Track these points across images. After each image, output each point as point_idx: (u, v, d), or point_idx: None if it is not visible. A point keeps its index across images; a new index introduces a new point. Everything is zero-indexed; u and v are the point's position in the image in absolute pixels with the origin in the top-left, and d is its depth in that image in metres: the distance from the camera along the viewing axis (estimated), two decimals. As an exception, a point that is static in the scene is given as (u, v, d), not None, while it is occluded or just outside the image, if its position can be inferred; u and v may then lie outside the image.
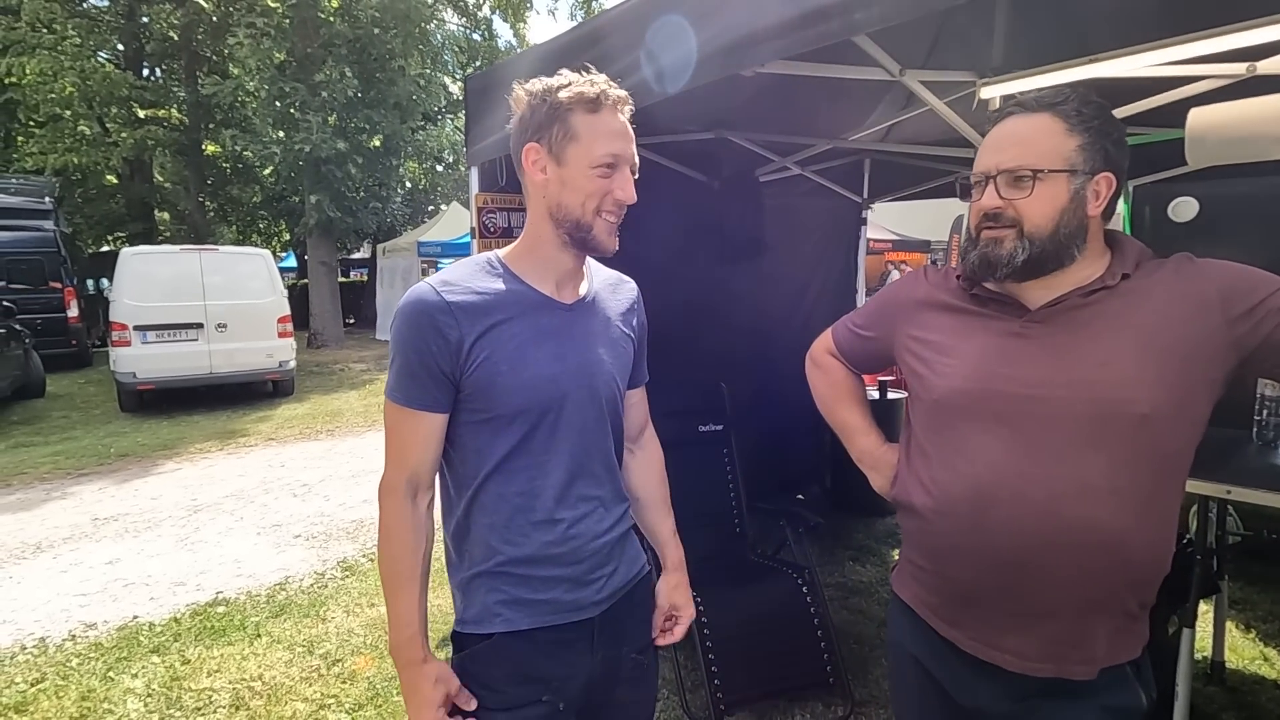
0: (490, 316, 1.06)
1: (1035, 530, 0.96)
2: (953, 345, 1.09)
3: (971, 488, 1.02)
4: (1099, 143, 0.97)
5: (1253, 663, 2.68)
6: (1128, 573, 0.97)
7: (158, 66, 15.48)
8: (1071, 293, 1.00)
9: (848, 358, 1.36)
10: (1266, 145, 1.66)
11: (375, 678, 2.72)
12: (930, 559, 1.12)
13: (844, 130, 3.16)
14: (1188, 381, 0.94)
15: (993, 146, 1.03)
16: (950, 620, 1.09)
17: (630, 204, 1.09)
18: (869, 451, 1.32)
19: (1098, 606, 0.98)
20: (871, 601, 3.21)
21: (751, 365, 3.65)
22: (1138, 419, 0.93)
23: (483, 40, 16.93)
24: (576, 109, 1.05)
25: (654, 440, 1.40)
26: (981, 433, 1.02)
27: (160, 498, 5.06)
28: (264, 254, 8.69)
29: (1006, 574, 1.00)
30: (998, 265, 1.01)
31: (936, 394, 1.09)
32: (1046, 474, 0.96)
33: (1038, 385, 0.98)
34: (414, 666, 1.08)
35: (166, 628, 3.17)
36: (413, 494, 1.10)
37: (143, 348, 7.47)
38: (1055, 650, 1.00)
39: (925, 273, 1.22)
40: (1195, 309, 0.95)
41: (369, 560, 3.92)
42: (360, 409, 8.28)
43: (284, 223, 17.94)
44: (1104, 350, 0.96)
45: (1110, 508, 0.94)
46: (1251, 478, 1.85)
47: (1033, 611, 1.00)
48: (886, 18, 1.24)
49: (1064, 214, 0.97)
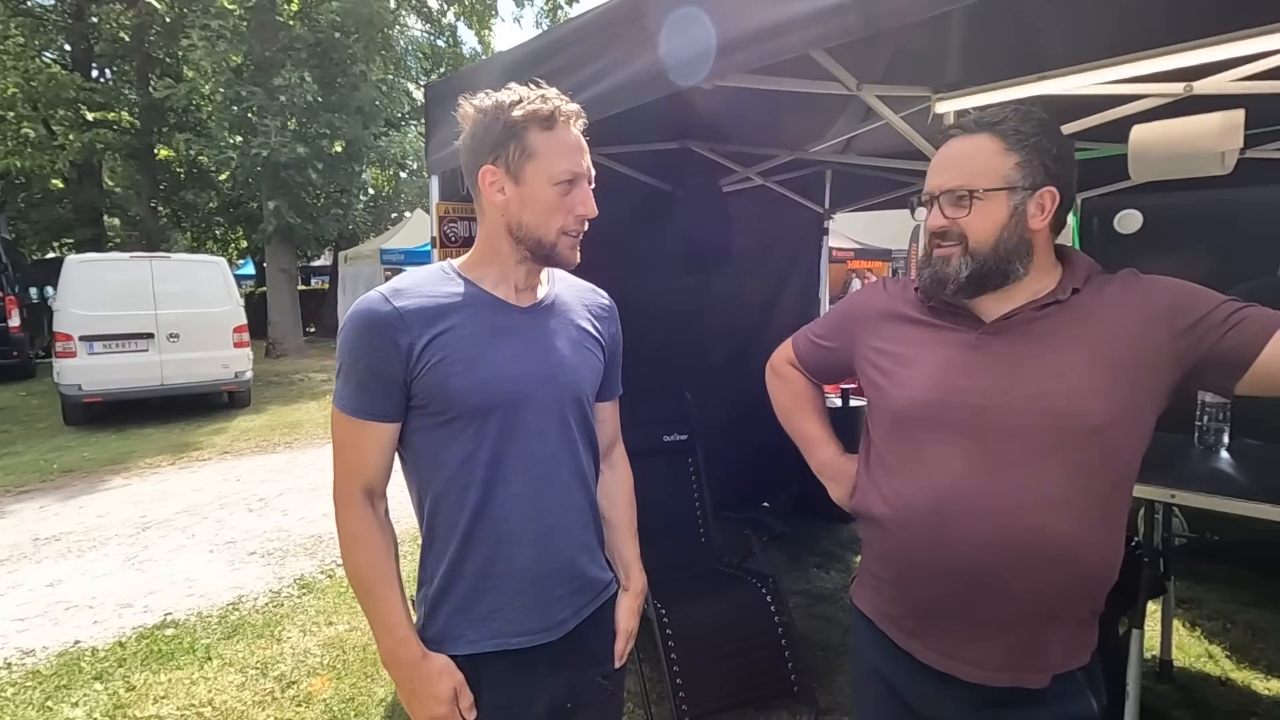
0: (443, 319, 1.04)
1: (993, 541, 0.98)
2: (912, 356, 1.10)
3: (931, 499, 1.03)
4: (1037, 159, 1.00)
5: (1199, 660, 2.77)
6: (1080, 581, 0.99)
7: (108, 68, 15.00)
8: (1025, 306, 1.03)
9: (808, 368, 1.37)
10: (1202, 161, 1.73)
11: (332, 699, 2.64)
12: (890, 570, 1.13)
13: (805, 142, 3.21)
14: (1136, 393, 0.97)
15: (937, 168, 1.06)
16: (909, 631, 1.10)
17: (591, 217, 1.08)
18: (828, 463, 1.33)
19: (1053, 616, 1.00)
20: (836, 608, 3.24)
21: (716, 374, 3.66)
22: (1090, 430, 0.95)
23: (447, 47, 16.80)
24: (531, 127, 1.03)
25: (624, 460, 1.38)
26: (940, 444, 1.04)
27: (107, 515, 4.86)
28: (219, 261, 8.44)
29: (965, 584, 1.01)
30: (946, 282, 1.04)
31: (896, 405, 1.10)
32: (1004, 485, 0.98)
33: (994, 396, 1.00)
34: (414, 665, 1.05)
35: (110, 652, 3.04)
36: (370, 500, 1.08)
37: (89, 359, 7.18)
38: (1012, 660, 1.01)
39: (885, 284, 1.24)
40: (1143, 323, 0.97)
41: (327, 577, 3.81)
42: (321, 420, 8.08)
43: (241, 229, 17.48)
44: (1057, 362, 0.98)
45: (1065, 518, 0.96)
46: (1194, 481, 1.92)
47: (991, 622, 1.01)
48: (842, 34, 1.26)
49: (1004, 230, 1.00)
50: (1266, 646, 2.84)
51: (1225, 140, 1.73)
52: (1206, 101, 1.83)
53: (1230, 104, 1.78)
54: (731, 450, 3.75)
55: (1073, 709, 1.03)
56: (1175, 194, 3.10)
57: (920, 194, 1.09)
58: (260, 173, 11.51)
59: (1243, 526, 3.47)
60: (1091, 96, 1.87)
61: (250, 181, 12.22)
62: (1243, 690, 2.57)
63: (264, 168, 11.27)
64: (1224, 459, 2.13)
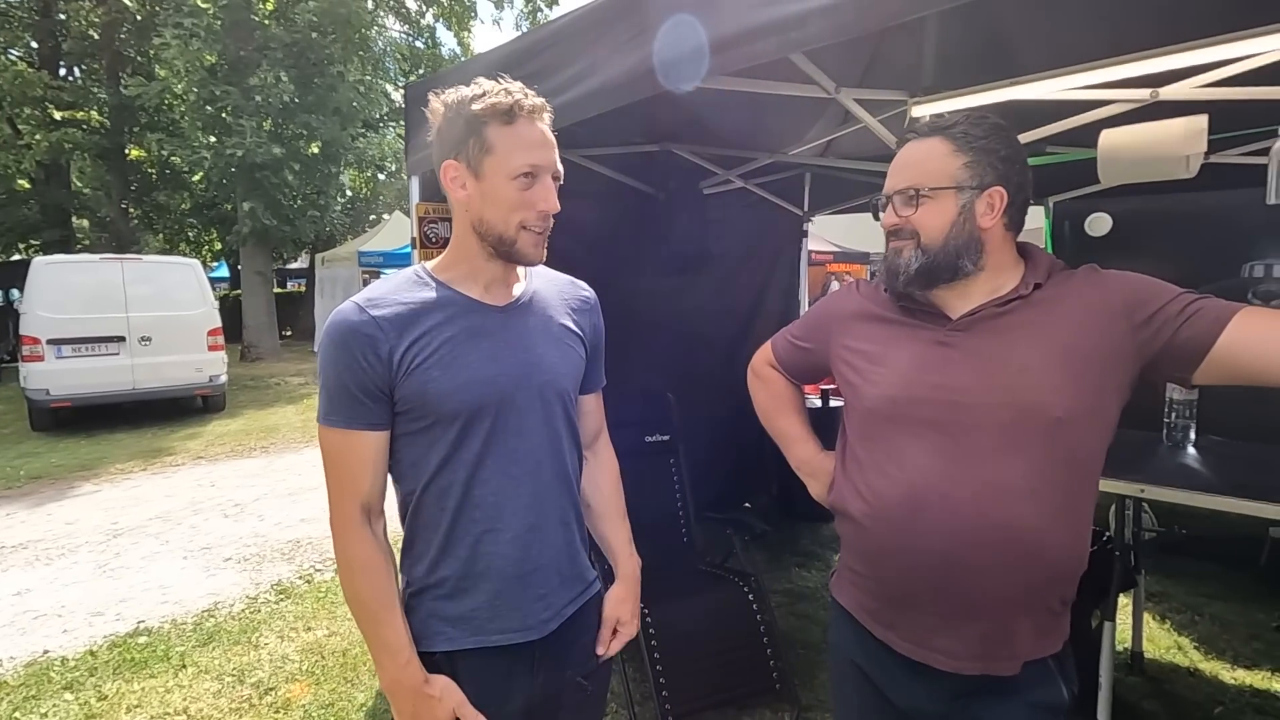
0: (419, 324, 1.04)
1: (962, 532, 1.01)
2: (883, 354, 1.14)
3: (904, 493, 1.06)
4: (984, 160, 1.04)
5: (1168, 652, 2.84)
6: (1047, 570, 1.02)
7: (76, 66, 14.67)
8: (988, 302, 1.06)
9: (787, 368, 1.40)
10: (1168, 165, 1.78)
11: (311, 705, 2.60)
12: (866, 563, 1.16)
13: (785, 145, 3.24)
14: (1099, 386, 1.00)
15: (892, 171, 1.11)
16: (886, 623, 1.13)
17: (554, 213, 1.07)
18: (807, 460, 1.36)
19: (1021, 604, 1.03)
20: (817, 607, 3.26)
21: (698, 375, 3.68)
22: (1053, 422, 0.98)
23: (426, 48, 16.69)
24: (491, 121, 1.03)
25: (608, 447, 1.38)
26: (912, 439, 1.07)
27: (77, 522, 4.75)
28: (193, 263, 8.31)
29: (937, 575, 1.04)
30: (897, 272, 1.09)
31: (869, 402, 1.13)
32: (971, 477, 1.01)
33: (962, 392, 1.03)
34: (417, 689, 1.05)
35: (81, 661, 2.97)
36: (368, 520, 1.06)
37: (57, 362, 7.02)
38: (983, 649, 1.04)
39: (858, 286, 1.28)
40: (1104, 317, 1.00)
41: (305, 582, 3.76)
42: (298, 424, 7.98)
43: (215, 231, 17.18)
44: (1021, 357, 1.01)
45: (1030, 508, 0.99)
46: (1163, 476, 1.97)
47: (962, 611, 1.04)
48: (819, 38, 1.28)
49: (953, 226, 1.05)
50: (1232, 638, 2.92)
51: (1189, 145, 1.78)
52: (1172, 107, 1.89)
53: (1194, 110, 1.84)
54: (713, 451, 3.77)
55: (1044, 696, 1.06)
56: (1143, 198, 3.19)
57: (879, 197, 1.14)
58: (235, 174, 11.33)
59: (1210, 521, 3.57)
60: (1062, 101, 1.91)
61: (225, 182, 12.02)
62: (1210, 680, 2.64)
63: (239, 168, 11.09)
64: (1191, 455, 2.19)
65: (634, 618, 1.30)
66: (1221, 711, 2.45)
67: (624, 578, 1.31)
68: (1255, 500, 1.70)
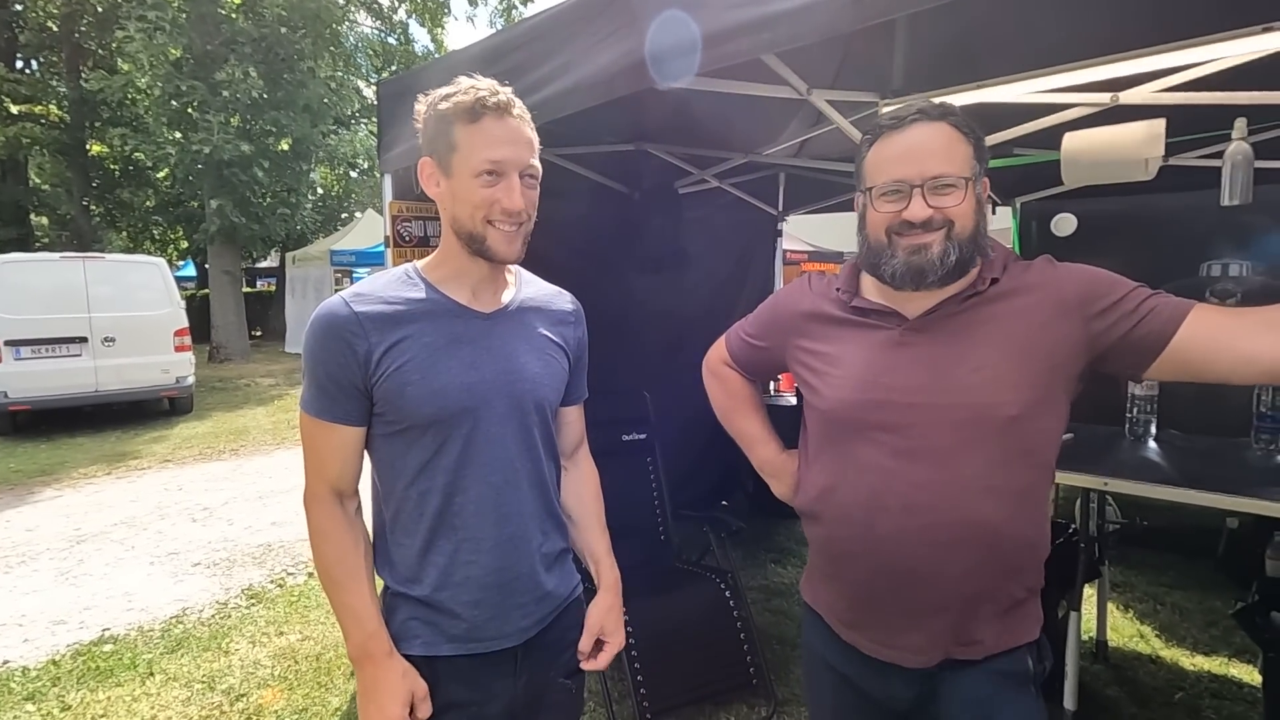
0: (401, 326, 1.04)
1: (920, 531, 1.01)
2: (838, 356, 1.12)
3: (862, 496, 1.06)
4: (979, 150, 1.04)
5: (1131, 640, 2.92)
6: (1005, 563, 1.03)
7: (34, 59, 14.24)
8: (949, 299, 1.04)
9: (742, 366, 1.38)
10: (1128, 168, 1.83)
11: (284, 711, 2.56)
12: (830, 565, 1.17)
13: (759, 145, 3.27)
14: (1052, 381, 1.01)
15: (910, 156, 1.01)
16: (849, 624, 1.14)
17: (512, 210, 1.04)
18: (769, 460, 1.35)
19: (981, 598, 1.04)
20: (793, 603, 3.30)
21: (674, 373, 3.67)
22: (1008, 420, 0.99)
23: (399, 45, 16.51)
24: (456, 120, 1.03)
25: (589, 458, 1.37)
26: (868, 443, 1.06)
27: (37, 529, 4.61)
28: (158, 262, 8.10)
29: (897, 577, 1.04)
30: (928, 271, 1.01)
31: (825, 405, 1.12)
32: (929, 479, 1.01)
33: (918, 393, 1.03)
34: (380, 661, 1.04)
35: (43, 671, 2.89)
36: (339, 500, 1.08)
37: (15, 364, 6.80)
38: (944, 642, 1.05)
39: (810, 282, 1.24)
40: (1057, 311, 1.01)
41: (277, 586, 3.70)
42: (268, 426, 7.84)
43: (182, 229, 16.76)
44: (976, 356, 1.01)
45: (988, 505, 0.99)
46: (1126, 470, 2.03)
47: (922, 609, 1.05)
48: (790, 39, 1.30)
49: (978, 216, 1.03)
50: (1192, 626, 3.02)
51: (1148, 148, 1.84)
52: (1132, 111, 1.94)
53: (1153, 114, 1.90)
54: (689, 449, 3.79)
55: (1008, 665, 1.07)
56: (1106, 199, 3.28)
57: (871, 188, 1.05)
58: (202, 170, 11.08)
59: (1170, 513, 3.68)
60: (1028, 104, 1.96)
61: (191, 179, 11.75)
62: (1171, 667, 2.73)
63: (206, 165, 10.85)
64: (1152, 449, 2.26)
65: (618, 628, 1.28)
66: (1182, 696, 2.53)
67: (606, 588, 1.29)
68: (1212, 492, 1.76)
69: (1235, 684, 2.60)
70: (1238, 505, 1.73)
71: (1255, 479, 1.95)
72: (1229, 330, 0.94)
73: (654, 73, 1.53)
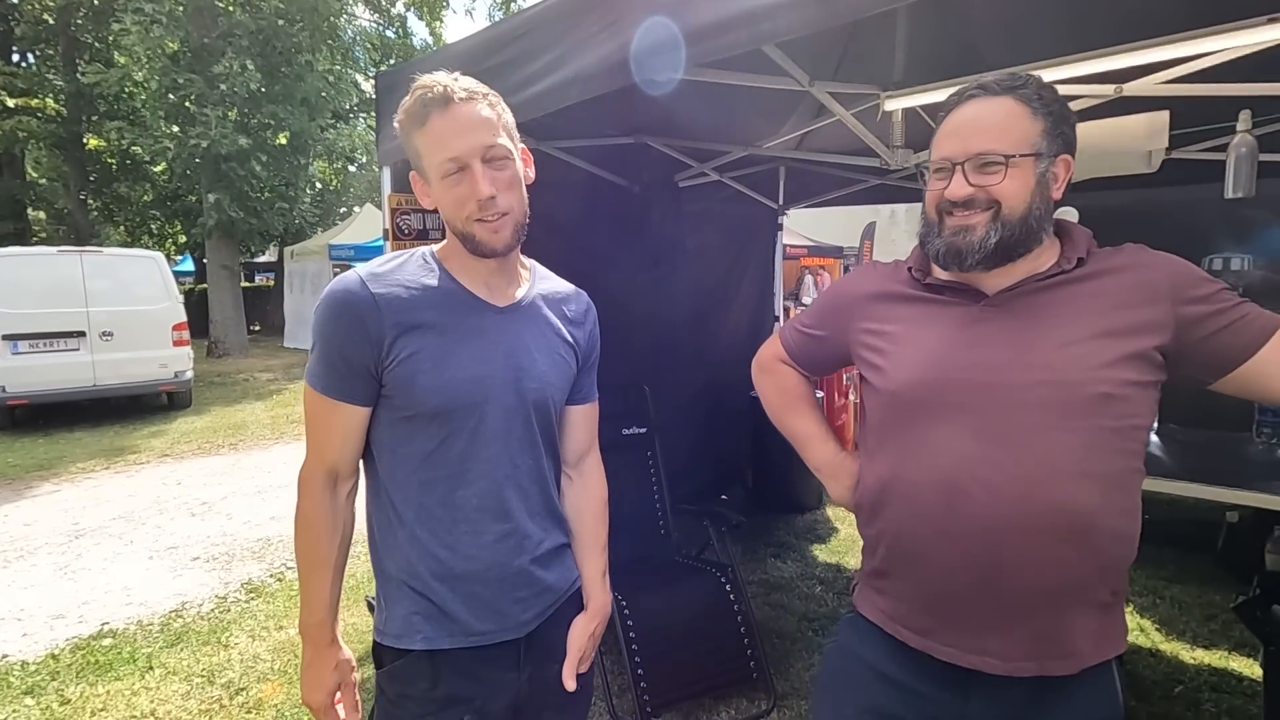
0: (416, 313, 1.03)
1: (1007, 518, 0.93)
2: (909, 335, 1.05)
3: (936, 481, 0.98)
4: (1059, 126, 0.97)
5: (1131, 635, 2.92)
6: (1100, 556, 0.94)
7: (30, 52, 14.15)
8: (1029, 278, 0.99)
9: (798, 361, 1.30)
10: (1131, 160, 1.82)
11: (284, 704, 2.56)
12: (898, 563, 1.06)
13: (759, 138, 3.25)
14: (1141, 363, 0.94)
15: (958, 132, 0.99)
16: (922, 630, 1.03)
17: (484, 197, 1.01)
18: (827, 460, 1.24)
19: (1072, 595, 0.95)
20: (792, 597, 3.30)
21: (674, 368, 3.69)
22: (1100, 399, 0.92)
23: (397, 38, 16.43)
24: (411, 129, 1.04)
25: (598, 470, 1.30)
26: (944, 424, 0.98)
27: (35, 523, 4.60)
28: (156, 256, 8.07)
29: (980, 568, 0.95)
30: (967, 253, 0.98)
31: (895, 386, 1.04)
32: (1014, 459, 0.93)
33: (999, 370, 0.96)
34: (318, 648, 1.10)
35: (42, 665, 2.88)
36: (332, 483, 1.07)
37: (13, 359, 6.79)
38: (1035, 647, 0.96)
39: (875, 266, 1.19)
40: (1147, 293, 0.96)
41: (276, 580, 3.70)
42: (267, 421, 7.83)
43: (179, 223, 16.72)
44: (1063, 333, 0.95)
45: (1082, 490, 0.92)
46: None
47: (1009, 605, 0.96)
48: (791, 29, 1.28)
49: (1034, 197, 0.97)
50: (1190, 620, 3.02)
51: (1152, 140, 1.83)
52: (1136, 103, 1.93)
53: (1157, 106, 1.88)
54: (689, 443, 3.79)
55: (1099, 707, 0.98)
56: (1107, 193, 3.26)
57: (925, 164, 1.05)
58: (199, 164, 11.04)
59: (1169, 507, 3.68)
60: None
61: (189, 173, 11.73)
62: (1170, 661, 2.73)
63: (203, 159, 10.82)
64: (1153, 442, 2.26)
65: (592, 651, 1.26)
66: (1181, 690, 2.53)
67: (594, 613, 1.24)
68: (1213, 485, 1.76)
69: (1235, 678, 2.60)
70: (1239, 498, 1.74)
71: (1256, 472, 1.95)
72: None
73: (654, 63, 1.51)
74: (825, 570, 3.62)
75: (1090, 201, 3.49)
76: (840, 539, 4.03)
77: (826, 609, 3.18)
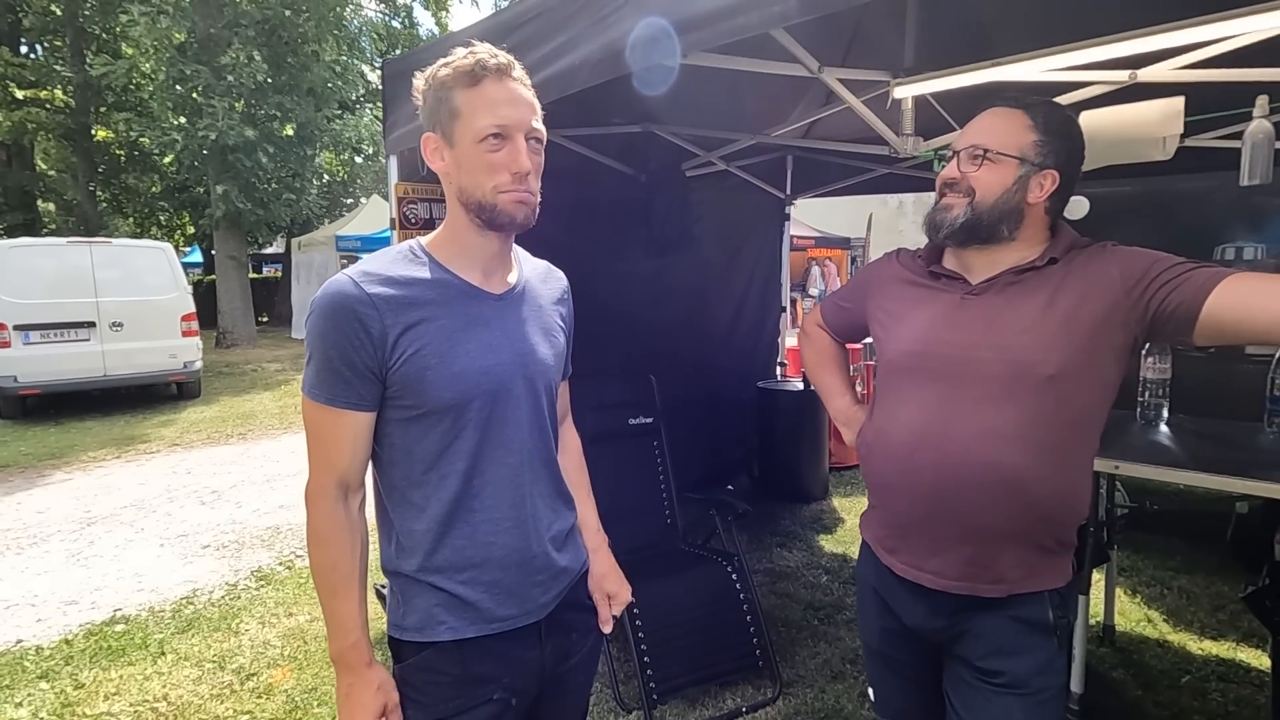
0: (416, 308, 1.01)
1: (953, 467, 1.14)
2: (907, 313, 1.27)
3: (905, 433, 1.20)
4: (1052, 143, 1.14)
5: (1139, 625, 2.92)
6: (1029, 506, 1.12)
7: (38, 43, 14.20)
8: (1007, 271, 1.18)
9: (832, 328, 1.56)
10: (1145, 147, 1.80)
11: (294, 690, 2.59)
12: (876, 495, 1.33)
13: (767, 126, 3.23)
14: (1094, 349, 1.10)
15: (968, 129, 1.21)
16: (889, 549, 1.28)
17: (524, 173, 1.01)
18: (843, 409, 1.50)
19: (1004, 536, 1.14)
20: (798, 585, 3.31)
21: (680, 357, 3.68)
22: (1045, 378, 1.09)
23: (403, 28, 16.37)
24: (456, 86, 1.00)
25: (572, 429, 1.39)
26: (919, 388, 1.20)
27: (47, 511, 4.66)
28: (164, 247, 8.11)
29: (930, 504, 1.17)
30: (941, 226, 1.20)
31: (890, 354, 1.27)
32: (966, 421, 1.14)
33: (969, 348, 1.15)
34: (357, 672, 1.04)
35: (56, 650, 2.92)
36: (344, 496, 1.04)
37: (24, 349, 6.85)
38: (968, 571, 1.17)
39: (899, 254, 1.40)
40: (1103, 286, 1.11)
41: (286, 568, 3.73)
42: (275, 410, 7.88)
43: (188, 214, 16.75)
44: (1024, 320, 1.13)
45: (1015, 451, 1.10)
46: (1136, 454, 2.01)
47: (950, 537, 1.17)
48: (801, 12, 1.27)
49: (1006, 192, 1.15)
50: (1198, 610, 3.01)
51: (1166, 126, 1.80)
52: (1151, 89, 1.90)
53: (1172, 92, 1.86)
54: (695, 433, 3.79)
55: (1027, 614, 1.17)
56: (1119, 181, 3.22)
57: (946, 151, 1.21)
58: (207, 156, 11.05)
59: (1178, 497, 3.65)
60: (1043, 83, 1.92)
61: (196, 165, 11.72)
62: (1178, 651, 2.72)
63: (210, 150, 10.83)
64: (1164, 432, 2.24)
65: (622, 583, 1.33)
66: (1189, 680, 2.53)
67: (596, 552, 1.31)
68: (1223, 475, 1.75)
69: (1243, 668, 2.59)
70: (1250, 488, 1.72)
71: (1267, 461, 1.93)
72: (1263, 293, 0.99)
73: (660, 48, 1.50)
74: (831, 560, 3.62)
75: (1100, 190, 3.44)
76: (846, 529, 4.03)
77: (832, 598, 3.18)
